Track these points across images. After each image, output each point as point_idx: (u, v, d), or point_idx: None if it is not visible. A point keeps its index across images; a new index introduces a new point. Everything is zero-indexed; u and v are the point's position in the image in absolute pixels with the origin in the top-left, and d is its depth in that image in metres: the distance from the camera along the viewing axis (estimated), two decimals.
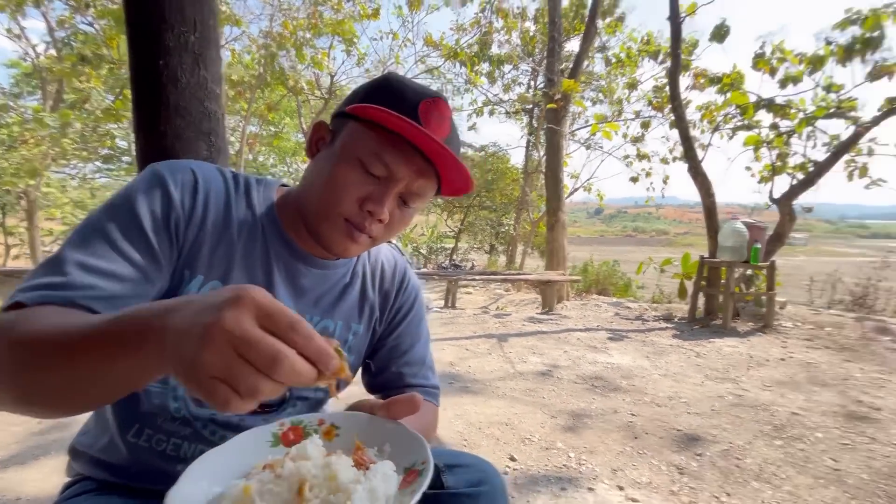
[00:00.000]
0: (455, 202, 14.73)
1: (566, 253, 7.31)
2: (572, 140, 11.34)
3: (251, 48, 8.68)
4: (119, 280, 0.56)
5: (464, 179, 0.67)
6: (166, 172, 0.64)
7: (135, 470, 0.69)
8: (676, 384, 3.01)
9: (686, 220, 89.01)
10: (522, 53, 11.40)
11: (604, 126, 5.98)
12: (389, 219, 0.67)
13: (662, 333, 4.41)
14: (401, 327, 0.83)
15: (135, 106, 1.07)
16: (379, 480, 0.46)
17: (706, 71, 7.67)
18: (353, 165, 0.64)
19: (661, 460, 2.01)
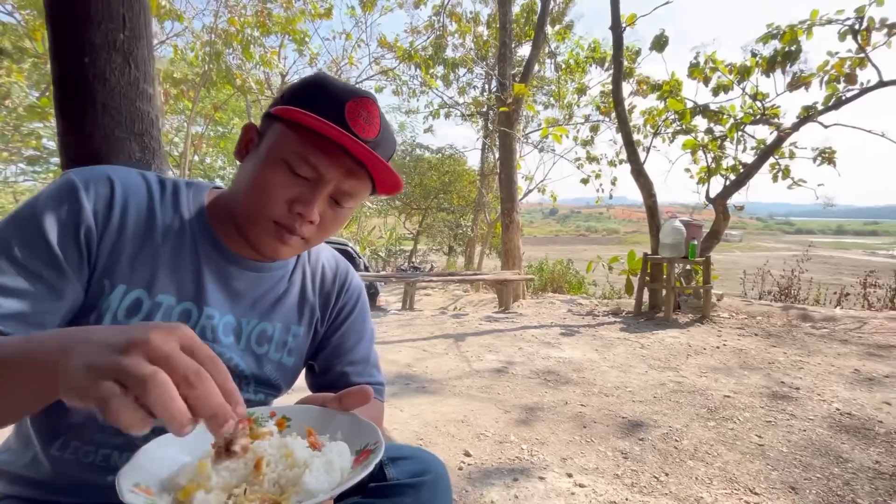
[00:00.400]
0: (413, 204, 14.74)
1: (521, 253, 7.50)
2: (526, 143, 11.66)
3: (195, 45, 8.30)
4: (20, 297, 0.54)
5: (394, 180, 0.67)
6: (79, 181, 0.61)
7: (61, 484, 0.66)
8: (623, 374, 3.18)
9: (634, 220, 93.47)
10: (476, 57, 11.60)
11: (554, 130, 6.21)
12: (321, 220, 0.67)
13: (611, 327, 4.63)
14: (344, 326, 0.84)
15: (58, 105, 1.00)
16: (335, 455, 0.48)
17: (648, 78, 8.14)
18: (280, 167, 0.64)
19: (608, 447, 2.12)
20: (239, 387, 0.73)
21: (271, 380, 0.77)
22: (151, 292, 0.64)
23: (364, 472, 0.45)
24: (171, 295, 0.66)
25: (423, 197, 14.38)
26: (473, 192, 13.97)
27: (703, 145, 6.15)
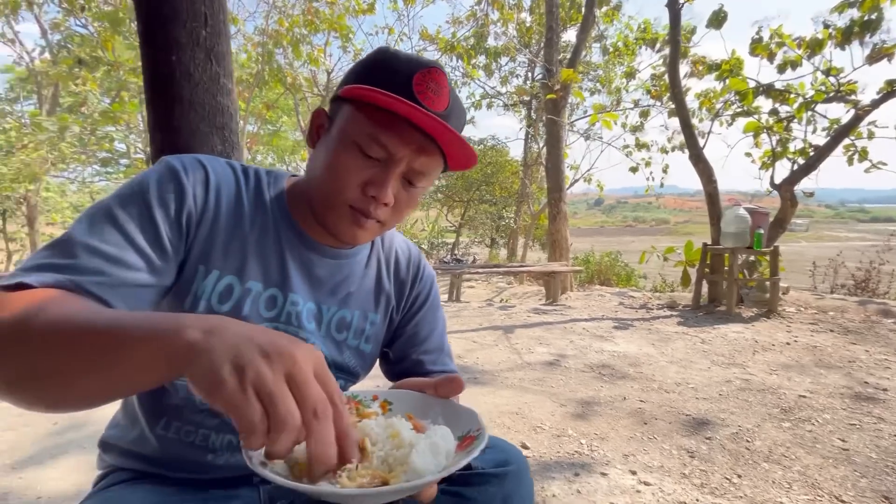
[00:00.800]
0: (455, 196, 14.72)
1: (569, 244, 7.32)
2: (571, 131, 11.32)
3: (247, 46, 8.65)
4: (127, 268, 0.55)
5: (467, 153, 0.64)
6: (179, 166, 0.63)
7: (166, 460, 0.69)
8: (683, 370, 3.03)
9: (686, 209, 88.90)
10: (519, 45, 11.35)
11: (603, 115, 5.97)
12: (395, 201, 0.66)
13: (667, 321, 4.43)
14: (418, 316, 0.84)
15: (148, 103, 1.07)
16: (439, 437, 0.48)
17: (704, 58, 7.65)
18: (350, 151, 0.63)
19: (672, 444, 2.04)
20: None
21: (350, 367, 0.78)
22: (242, 278, 0.66)
23: (470, 456, 0.45)
24: (259, 281, 0.67)
25: (465, 189, 14.34)
26: (516, 184, 13.76)
27: (767, 127, 5.72)
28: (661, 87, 8.54)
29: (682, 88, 5.38)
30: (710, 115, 7.46)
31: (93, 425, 2.23)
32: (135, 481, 0.69)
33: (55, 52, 9.57)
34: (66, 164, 10.11)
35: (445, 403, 0.59)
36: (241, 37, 8.75)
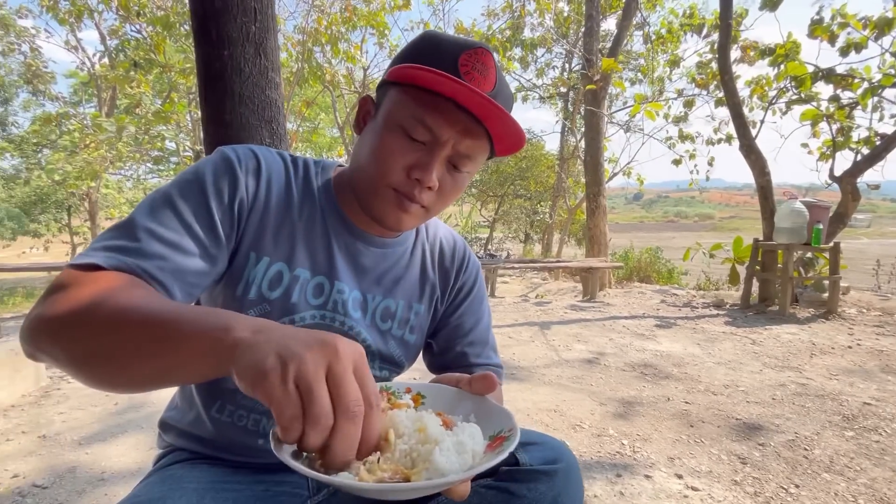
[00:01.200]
0: (489, 191, 14.61)
1: (608, 239, 7.12)
2: (610, 123, 10.98)
3: (287, 46, 8.88)
4: (185, 253, 0.57)
5: (516, 134, 0.63)
6: (233, 156, 0.65)
7: (221, 443, 0.71)
8: (732, 372, 2.89)
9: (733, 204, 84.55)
10: (556, 35, 11.08)
11: (646, 106, 5.73)
12: (440, 186, 0.65)
13: (714, 320, 4.23)
14: (463, 306, 0.83)
15: (202, 98, 1.11)
16: (466, 436, 0.47)
17: (756, 43, 7.21)
18: (396, 133, 0.62)
19: (721, 449, 1.94)
20: None
21: (394, 356, 0.78)
22: (291, 266, 0.67)
23: (498, 458, 0.43)
24: (307, 269, 0.68)
25: (499, 184, 14.18)
26: (552, 178, 13.49)
27: (826, 115, 5.32)
28: (707, 75, 8.13)
29: (732, 75, 5.08)
30: (762, 104, 7.03)
31: (150, 406, 2.36)
32: (192, 461, 0.72)
33: (112, 57, 10.17)
34: (122, 162, 10.75)
35: (480, 401, 0.57)
36: (281, 36, 8.99)
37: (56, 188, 11.67)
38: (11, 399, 2.43)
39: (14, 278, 13.29)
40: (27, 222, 15.79)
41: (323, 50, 8.39)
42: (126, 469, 1.79)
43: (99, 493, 1.63)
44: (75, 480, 1.71)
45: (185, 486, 0.61)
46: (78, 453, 1.92)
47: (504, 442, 0.47)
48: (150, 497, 0.57)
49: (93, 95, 12.84)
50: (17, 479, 1.71)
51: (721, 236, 6.73)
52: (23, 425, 2.17)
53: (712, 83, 8.03)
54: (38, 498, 1.60)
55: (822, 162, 5.52)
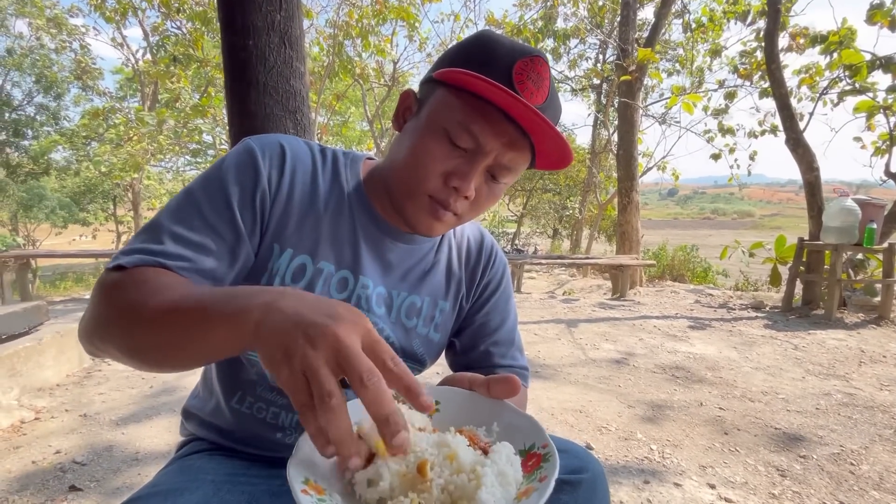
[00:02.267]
0: (517, 185, 14.43)
1: (640, 236, 6.90)
2: (645, 115, 10.60)
3: (318, 40, 8.98)
4: (207, 253, 0.58)
5: (562, 152, 0.61)
6: (257, 147, 0.64)
7: (239, 435, 0.71)
8: (772, 378, 2.74)
9: (775, 201, 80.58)
10: (590, 26, 10.76)
11: (684, 98, 5.49)
12: (476, 195, 0.63)
13: (752, 323, 4.03)
14: (489, 304, 0.80)
15: (227, 88, 1.12)
16: (505, 463, 0.42)
17: (806, 29, 6.78)
18: (439, 137, 0.60)
19: (758, 460, 1.84)
20: None
21: (418, 354, 0.76)
22: (315, 259, 0.66)
23: (547, 491, 0.38)
24: (331, 263, 0.67)
25: (527, 178, 13.99)
26: (582, 172, 13.19)
27: (884, 107, 4.95)
28: (751, 65, 7.72)
29: (780, 64, 4.79)
30: (811, 95, 6.62)
31: (182, 391, 2.45)
32: (211, 452, 0.72)
33: (154, 53, 10.57)
34: (163, 154, 11.19)
35: (498, 407, 0.52)
36: (313, 30, 9.10)
37: (103, 179, 12.28)
38: (57, 378, 2.57)
39: (65, 264, 14.14)
40: (77, 211, 16.72)
41: (353, 43, 8.44)
42: (157, 451, 1.86)
43: (133, 473, 1.69)
44: (111, 459, 1.79)
45: (202, 477, 0.61)
46: (115, 433, 2.00)
47: (541, 462, 0.43)
48: (169, 487, 0.57)
49: (136, 90, 13.41)
50: (59, 454, 1.81)
51: (762, 235, 6.39)
52: (66, 404, 2.29)
53: (756, 73, 7.62)
54: (77, 474, 1.68)
55: (876, 157, 5.16)
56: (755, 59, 7.54)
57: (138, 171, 9.98)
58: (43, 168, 16.41)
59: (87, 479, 1.65)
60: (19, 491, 1.57)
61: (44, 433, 1.99)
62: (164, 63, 8.22)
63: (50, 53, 14.36)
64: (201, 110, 8.02)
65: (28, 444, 1.88)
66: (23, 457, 1.78)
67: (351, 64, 8.14)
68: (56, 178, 17.11)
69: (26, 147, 16.06)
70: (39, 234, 17.09)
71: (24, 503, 1.51)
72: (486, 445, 0.47)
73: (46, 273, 12.88)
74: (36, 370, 2.43)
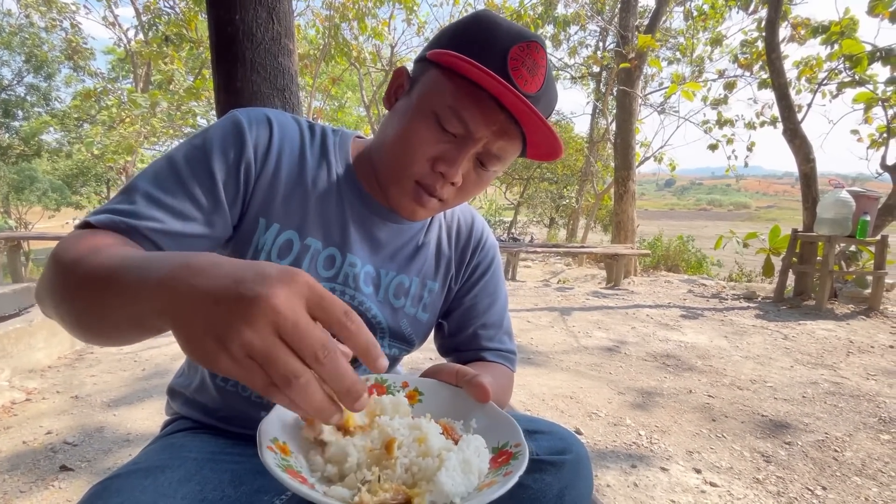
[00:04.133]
0: (514, 173, 14.37)
1: (635, 226, 6.91)
2: (644, 105, 10.53)
3: (314, 22, 8.82)
4: (183, 218, 0.56)
5: (552, 145, 0.60)
6: (244, 118, 0.63)
7: (224, 413, 0.71)
8: (761, 367, 2.77)
9: (771, 193, 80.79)
10: (591, 12, 10.62)
11: (683, 86, 5.45)
12: (463, 182, 0.62)
13: (743, 313, 4.07)
14: (478, 286, 0.79)
15: (213, 65, 1.09)
16: (472, 453, 0.43)
17: (808, 20, 6.72)
18: (428, 121, 0.59)
19: (744, 446, 1.87)
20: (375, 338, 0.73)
21: (406, 334, 0.75)
22: (301, 234, 0.65)
23: (507, 485, 0.39)
24: (318, 240, 0.66)
25: (524, 167, 13.94)
26: (580, 161, 13.15)
27: (882, 99, 4.94)
28: (752, 55, 7.66)
29: (780, 53, 4.76)
30: (810, 87, 6.58)
31: (174, 373, 2.45)
32: (195, 430, 0.72)
33: (146, 33, 10.36)
34: (157, 137, 11.04)
35: (482, 406, 0.53)
36: (310, 12, 8.94)
37: (95, 162, 12.12)
38: (48, 360, 2.56)
39: None
40: (69, 194, 16.54)
41: (350, 26, 8.30)
42: (149, 432, 1.86)
43: (123, 454, 1.70)
44: (103, 440, 1.79)
45: (184, 455, 0.61)
46: (106, 414, 2.01)
47: (510, 460, 0.44)
48: (150, 464, 0.57)
49: (129, 71, 13.17)
50: (51, 435, 1.81)
51: (757, 226, 6.41)
52: (57, 385, 2.29)
53: (757, 63, 7.57)
54: (69, 454, 1.68)
55: (873, 150, 5.16)
56: (756, 49, 7.48)
57: (131, 153, 9.86)
58: (34, 150, 16.16)
59: (78, 459, 1.66)
60: (10, 471, 1.57)
61: (35, 414, 1.99)
62: (156, 43, 8.05)
63: (40, 32, 14.04)
64: (195, 93, 7.90)
65: (19, 425, 1.88)
66: (13, 437, 1.78)
67: (347, 47, 8.01)
68: (48, 160, 16.87)
69: (17, 128, 15.80)
70: (32, 217, 16.93)
71: (15, 482, 1.51)
72: (459, 437, 0.47)
73: (40, 256, 12.78)
74: (27, 352, 2.42)
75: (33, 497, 1.45)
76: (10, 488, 1.48)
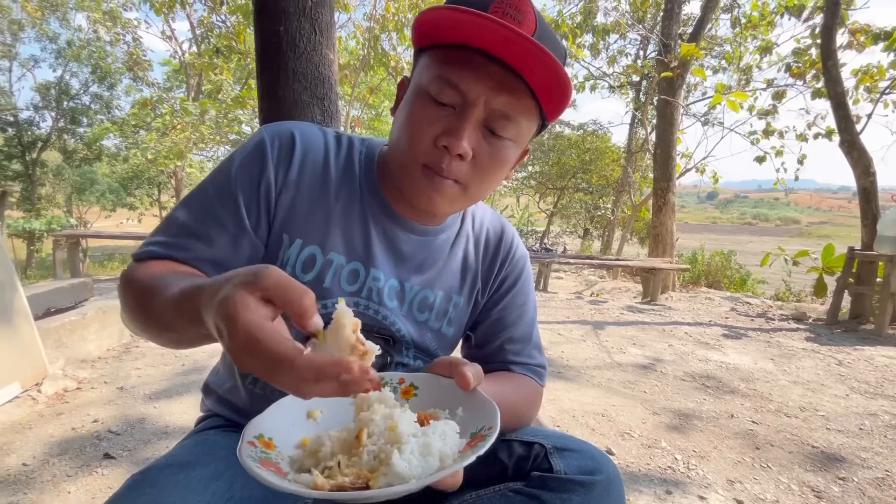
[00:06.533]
0: (548, 183, 14.19)
1: (674, 239, 6.66)
2: (686, 115, 10.20)
3: (355, 34, 9.08)
4: (211, 244, 0.60)
5: (557, 78, 0.53)
6: (267, 137, 0.64)
7: (254, 415, 0.72)
8: (811, 394, 2.59)
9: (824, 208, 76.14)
10: (632, 20, 10.43)
11: (729, 95, 5.23)
12: (475, 156, 0.58)
13: (792, 335, 3.83)
14: (506, 299, 0.77)
15: (258, 74, 1.14)
16: (436, 437, 0.44)
17: (867, 26, 6.33)
18: (422, 100, 0.57)
19: (792, 478, 1.74)
20: (399, 351, 0.71)
21: (430, 349, 0.74)
22: (324, 249, 0.65)
23: (464, 462, 0.41)
24: (342, 254, 0.66)
25: (559, 176, 13.74)
26: (616, 172, 12.85)
27: None
28: (805, 64, 7.29)
29: (837, 61, 4.50)
30: (869, 96, 6.18)
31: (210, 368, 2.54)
32: (226, 428, 0.73)
33: (199, 45, 10.97)
34: (205, 143, 11.62)
35: (471, 395, 0.54)
36: (351, 24, 9.21)
37: (149, 166, 12.88)
38: (98, 352, 2.72)
39: (112, 245, 14.95)
40: (124, 196, 17.63)
41: (389, 37, 8.49)
42: (185, 426, 1.93)
43: (161, 445, 1.77)
44: (143, 431, 1.87)
45: (215, 452, 0.62)
46: (147, 406, 2.10)
47: (479, 442, 0.44)
48: (183, 460, 0.58)
49: (182, 81, 13.97)
50: (97, 423, 1.91)
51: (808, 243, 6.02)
52: (105, 376, 2.42)
53: (810, 72, 7.20)
54: (112, 443, 1.77)
55: None
56: (809, 57, 7.12)
57: (181, 158, 10.40)
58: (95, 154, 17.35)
59: (120, 448, 1.74)
60: (59, 455, 1.67)
61: (84, 402, 2.10)
62: (208, 55, 8.51)
63: (105, 45, 15.14)
64: (241, 101, 8.27)
65: (69, 412, 1.99)
66: (64, 423, 1.89)
67: (386, 57, 8.19)
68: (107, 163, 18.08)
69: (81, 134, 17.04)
70: (90, 216, 18.15)
71: (63, 466, 1.60)
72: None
73: (96, 253, 13.67)
74: (80, 343, 2.58)
75: (78, 482, 1.52)
76: (59, 472, 1.57)
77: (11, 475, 1.54)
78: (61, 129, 16.64)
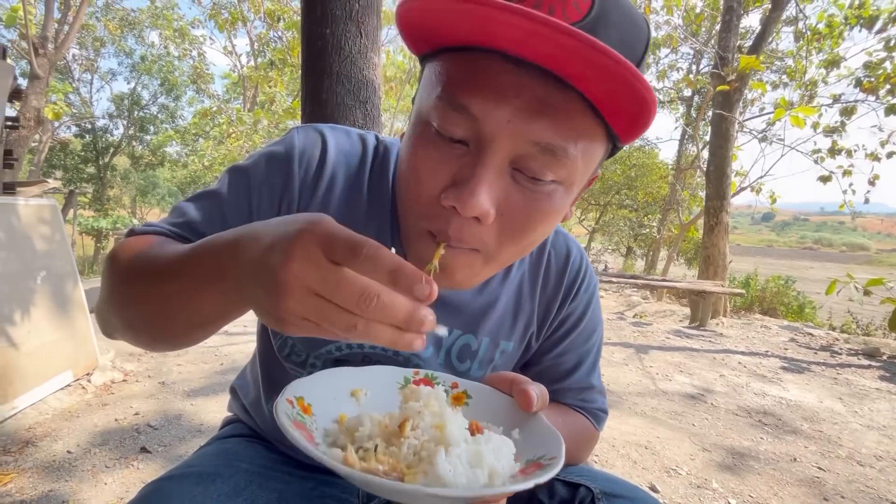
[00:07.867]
0: (591, 199, 13.85)
1: (727, 261, 6.27)
2: (741, 131, 9.69)
3: (403, 49, 9.31)
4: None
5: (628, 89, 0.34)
6: (297, 144, 0.56)
7: (275, 433, 0.69)
8: (889, 441, 2.31)
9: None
10: (685, 34, 10.09)
11: (793, 111, 4.91)
12: (501, 212, 0.41)
13: (863, 372, 3.47)
14: (565, 343, 0.66)
15: (303, 76, 1.15)
16: (489, 449, 0.39)
17: None
18: (424, 136, 0.41)
19: None
20: None
21: None
22: None
23: (521, 486, 0.35)
24: None
25: (602, 192, 13.39)
26: (663, 189, 12.37)
27: None
28: (877, 78, 6.77)
29: None
30: None
31: None
32: (250, 438, 0.71)
33: (256, 59, 11.61)
34: None
35: (530, 418, 0.47)
36: (399, 39, 9.47)
37: (205, 172, 13.66)
38: None
39: None
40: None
41: None
42: (217, 425, 1.96)
43: (195, 443, 1.79)
44: (179, 427, 1.91)
45: (236, 464, 0.59)
46: (185, 403, 2.15)
47: (539, 470, 0.38)
48: (203, 470, 0.56)
49: (240, 93, 14.82)
50: (137, 416, 1.97)
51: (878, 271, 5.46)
52: (149, 370, 2.51)
53: (883, 87, 6.67)
54: (150, 436, 1.81)
55: None
56: (883, 71, 6.60)
57: None
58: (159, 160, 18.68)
59: (157, 443, 1.77)
60: (101, 445, 1.72)
61: (128, 395, 2.18)
62: (263, 68, 8.97)
63: (174, 60, 16.37)
64: (292, 112, 8.65)
65: (114, 403, 2.07)
66: (108, 414, 1.96)
67: None
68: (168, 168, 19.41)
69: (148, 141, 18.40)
70: (151, 218, 19.50)
71: (103, 457, 1.65)
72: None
73: None
74: None
75: (115, 473, 1.56)
76: (99, 462, 1.62)
77: (56, 461, 1.60)
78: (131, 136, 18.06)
